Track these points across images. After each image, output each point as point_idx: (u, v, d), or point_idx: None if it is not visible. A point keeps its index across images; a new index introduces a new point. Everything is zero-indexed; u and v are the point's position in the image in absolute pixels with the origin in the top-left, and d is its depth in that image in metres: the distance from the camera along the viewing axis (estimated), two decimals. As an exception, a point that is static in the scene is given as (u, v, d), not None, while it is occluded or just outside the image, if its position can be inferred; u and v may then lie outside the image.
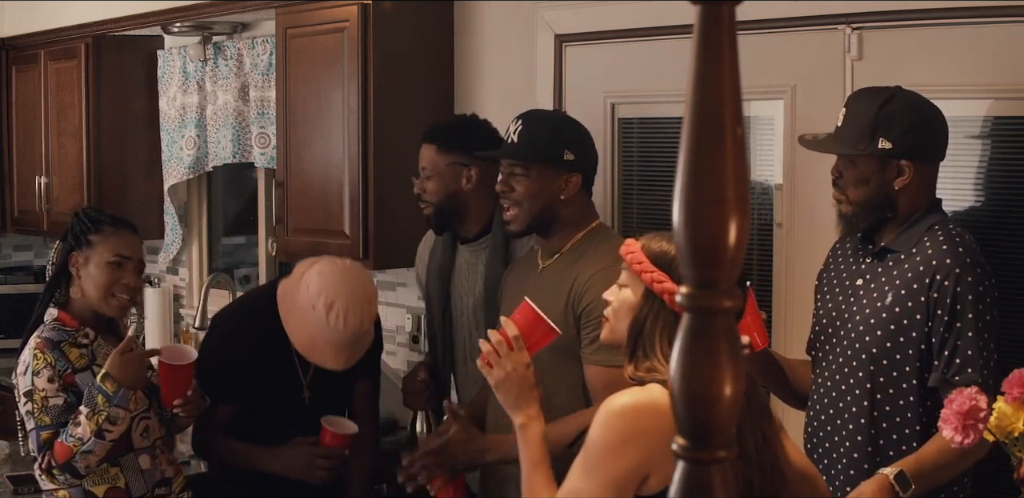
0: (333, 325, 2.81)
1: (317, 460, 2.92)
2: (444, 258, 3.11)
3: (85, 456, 2.62)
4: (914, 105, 2.41)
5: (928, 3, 2.69)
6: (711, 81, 0.91)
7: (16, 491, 3.28)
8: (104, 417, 2.60)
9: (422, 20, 3.81)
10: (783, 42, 2.97)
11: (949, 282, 2.31)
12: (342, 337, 2.83)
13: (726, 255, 0.92)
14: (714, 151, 0.91)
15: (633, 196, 3.41)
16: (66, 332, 2.74)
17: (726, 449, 0.95)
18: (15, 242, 6.04)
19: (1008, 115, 2.66)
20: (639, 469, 1.86)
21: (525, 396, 2.06)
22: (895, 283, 2.39)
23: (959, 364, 2.30)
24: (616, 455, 1.85)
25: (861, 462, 2.41)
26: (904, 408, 2.37)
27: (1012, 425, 1.92)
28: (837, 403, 2.47)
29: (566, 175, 2.69)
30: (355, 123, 3.70)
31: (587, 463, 1.88)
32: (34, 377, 2.66)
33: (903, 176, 2.39)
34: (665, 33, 3.19)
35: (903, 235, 2.42)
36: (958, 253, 2.34)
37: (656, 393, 1.86)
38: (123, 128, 5.08)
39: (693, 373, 0.94)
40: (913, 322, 2.35)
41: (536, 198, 2.69)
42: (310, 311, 2.83)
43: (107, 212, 2.92)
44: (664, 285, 1.93)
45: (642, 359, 1.95)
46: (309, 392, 3.03)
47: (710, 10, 0.91)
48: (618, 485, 1.86)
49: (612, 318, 2.05)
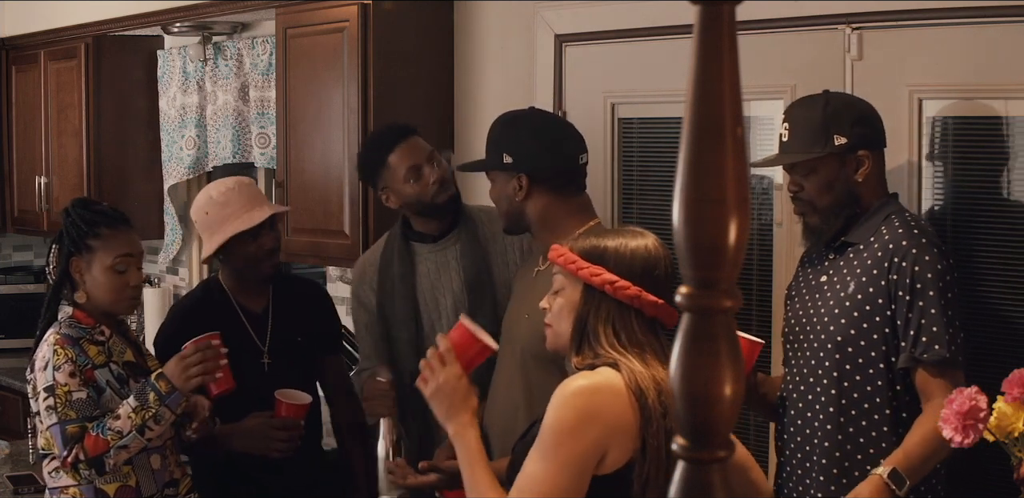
0: (220, 199, 3.03)
1: (274, 432, 2.96)
2: (404, 266, 3.06)
3: (119, 451, 2.63)
4: (851, 101, 2.54)
5: (928, 3, 2.69)
6: (711, 81, 0.91)
7: (16, 491, 3.28)
8: (152, 414, 2.63)
9: (422, 20, 3.81)
10: (783, 42, 2.97)
11: (907, 263, 2.37)
12: (235, 198, 3.04)
13: (726, 255, 0.92)
14: (714, 151, 0.91)
15: (633, 196, 3.41)
16: (83, 329, 2.75)
17: (726, 449, 0.95)
18: (15, 242, 6.04)
19: (1008, 115, 2.66)
20: (597, 448, 1.90)
21: (457, 407, 2.10)
22: (856, 272, 2.46)
23: (926, 342, 2.34)
24: (574, 435, 1.90)
25: (832, 450, 2.45)
26: (872, 394, 2.41)
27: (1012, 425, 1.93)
28: (806, 395, 2.51)
29: (514, 177, 2.69)
30: (355, 123, 3.70)
31: (544, 446, 1.92)
32: (55, 372, 2.65)
33: (863, 166, 2.47)
34: (665, 33, 3.19)
35: (861, 227, 2.49)
36: (913, 235, 2.40)
37: (608, 374, 1.93)
38: (123, 128, 5.08)
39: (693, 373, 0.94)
40: (875, 307, 2.40)
41: (498, 203, 2.76)
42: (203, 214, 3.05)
43: (98, 207, 2.87)
44: (603, 276, 2.00)
45: (587, 351, 2.00)
46: (268, 358, 3.10)
47: (710, 10, 0.91)
48: (577, 465, 1.90)
49: (554, 323, 2.09)
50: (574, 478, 1.90)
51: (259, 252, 3.07)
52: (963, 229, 2.71)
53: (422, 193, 3.01)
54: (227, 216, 3.03)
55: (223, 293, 3.16)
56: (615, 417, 1.90)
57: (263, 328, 3.15)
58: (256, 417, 2.98)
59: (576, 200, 2.73)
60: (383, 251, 3.13)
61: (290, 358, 3.15)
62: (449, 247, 3.05)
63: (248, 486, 3.07)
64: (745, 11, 0.95)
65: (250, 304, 3.17)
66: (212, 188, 3.10)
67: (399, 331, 3.05)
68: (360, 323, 3.16)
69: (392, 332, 3.07)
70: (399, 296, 3.05)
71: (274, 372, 3.09)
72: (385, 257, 3.11)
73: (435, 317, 3.04)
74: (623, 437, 1.91)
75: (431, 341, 3.03)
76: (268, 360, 3.11)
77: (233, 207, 3.03)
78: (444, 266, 3.05)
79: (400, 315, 3.05)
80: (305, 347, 3.19)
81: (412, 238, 3.09)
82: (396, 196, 3.05)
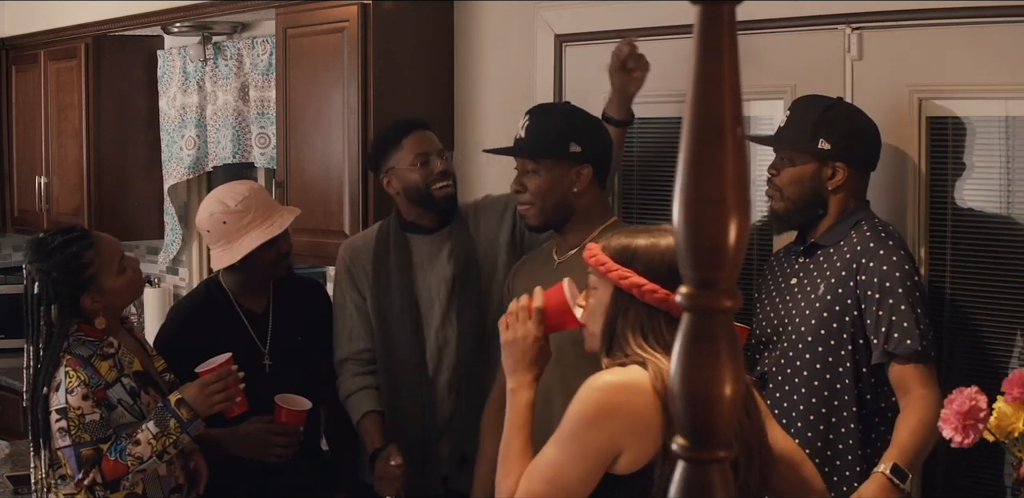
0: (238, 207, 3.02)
1: (273, 438, 2.97)
2: (401, 256, 3.08)
3: (136, 475, 2.67)
4: (854, 115, 2.59)
5: (928, 3, 2.69)
6: (711, 81, 0.91)
7: (16, 491, 3.28)
8: (172, 441, 2.67)
9: (422, 20, 3.81)
10: (783, 42, 2.97)
11: (874, 263, 2.45)
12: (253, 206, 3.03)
13: (726, 255, 0.92)
14: (714, 151, 0.91)
15: (633, 196, 3.41)
16: (92, 344, 2.73)
17: (726, 449, 0.95)
18: (15, 242, 6.04)
19: (1008, 115, 2.65)
20: (612, 444, 1.90)
21: (524, 364, 2.09)
22: (825, 274, 2.53)
23: (897, 337, 2.40)
24: (591, 428, 1.89)
25: (803, 448, 2.44)
26: (840, 391, 2.47)
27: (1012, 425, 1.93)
28: (775, 393, 2.56)
29: (576, 167, 2.68)
30: (355, 123, 3.70)
31: (563, 435, 1.92)
32: (67, 395, 2.65)
33: (836, 178, 2.54)
34: (665, 33, 3.19)
35: (831, 231, 2.56)
36: (880, 238, 2.48)
37: (636, 372, 1.92)
38: (123, 128, 5.08)
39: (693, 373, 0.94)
40: (845, 307, 2.47)
41: (549, 194, 2.69)
42: (220, 224, 3.03)
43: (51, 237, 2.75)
44: (631, 280, 1.97)
45: (617, 352, 2.00)
46: (269, 359, 3.11)
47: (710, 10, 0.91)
48: (589, 457, 1.90)
49: (588, 324, 2.07)
50: (584, 470, 1.90)
51: (277, 257, 3.08)
52: (963, 229, 2.71)
53: (426, 180, 3.04)
54: (247, 224, 3.02)
55: (224, 294, 3.16)
56: (636, 415, 1.89)
57: (264, 329, 3.15)
58: (255, 422, 2.98)
59: (605, 195, 2.79)
60: (377, 238, 3.14)
61: (290, 360, 3.15)
62: (443, 240, 3.07)
63: (247, 486, 3.07)
64: (745, 11, 0.94)
65: (251, 304, 3.17)
66: (225, 196, 3.07)
67: (398, 321, 3.07)
68: (350, 303, 3.15)
69: (388, 321, 3.08)
70: (397, 286, 3.07)
71: (274, 374, 3.09)
72: (380, 246, 3.12)
73: (427, 306, 3.06)
74: (643, 436, 1.90)
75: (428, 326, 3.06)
76: (269, 362, 3.11)
77: (252, 215, 3.03)
78: (436, 257, 3.07)
79: (399, 306, 3.07)
80: (305, 348, 3.19)
81: (407, 229, 3.11)
82: (399, 180, 3.07)
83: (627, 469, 1.91)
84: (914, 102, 2.74)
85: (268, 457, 2.98)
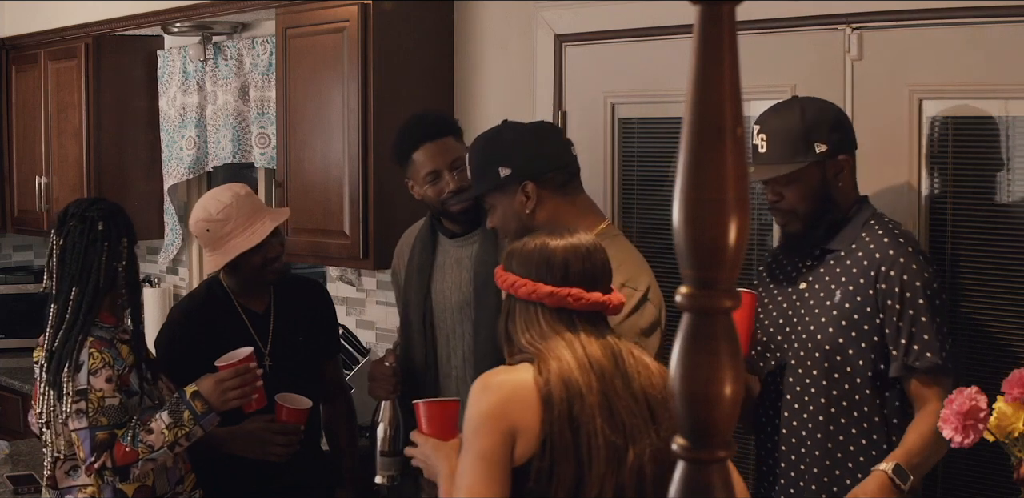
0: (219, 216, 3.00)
1: (274, 437, 2.97)
2: (425, 255, 3.07)
3: (146, 463, 2.67)
4: (823, 105, 2.52)
5: (928, 3, 2.69)
6: (711, 81, 0.91)
7: (16, 491, 3.28)
8: (185, 432, 2.68)
9: (422, 20, 3.81)
10: (783, 42, 2.97)
11: (895, 272, 2.39)
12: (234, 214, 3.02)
13: (726, 255, 0.92)
14: (714, 151, 0.91)
15: (633, 196, 3.41)
16: (110, 330, 2.76)
17: (726, 449, 0.95)
18: (15, 242, 6.04)
19: (1008, 115, 2.65)
20: (505, 440, 1.98)
21: (437, 468, 2.19)
22: (841, 280, 2.46)
23: (918, 350, 2.36)
24: (482, 428, 1.98)
25: (822, 459, 2.45)
26: (860, 402, 2.43)
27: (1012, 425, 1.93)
28: (792, 404, 2.51)
29: (515, 188, 2.61)
30: (355, 123, 3.70)
31: (464, 444, 2.02)
32: (90, 376, 2.65)
33: (843, 171, 2.49)
34: (665, 33, 3.19)
35: (840, 233, 2.50)
36: (899, 244, 2.42)
37: (520, 370, 2.03)
38: (123, 128, 5.08)
39: (693, 373, 0.94)
40: (864, 316, 2.41)
41: (507, 225, 2.65)
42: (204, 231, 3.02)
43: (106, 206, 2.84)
44: (507, 279, 2.10)
45: (515, 352, 2.10)
46: (270, 360, 3.10)
47: (710, 10, 0.91)
48: (487, 457, 1.97)
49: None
50: (489, 469, 1.97)
51: (264, 261, 3.07)
52: (963, 229, 2.71)
53: (438, 196, 2.96)
54: (228, 233, 3.01)
55: (225, 293, 3.16)
56: (518, 411, 1.98)
57: (265, 328, 3.16)
58: (256, 421, 2.98)
59: (580, 200, 2.67)
60: (418, 234, 3.13)
61: (291, 359, 3.15)
62: (467, 245, 3.04)
63: (248, 485, 3.07)
64: (745, 11, 0.95)
65: (252, 304, 3.17)
66: (209, 203, 3.06)
67: (412, 316, 3.09)
68: (397, 293, 3.23)
69: (408, 318, 3.12)
70: (414, 286, 3.08)
71: (275, 373, 3.09)
72: (416, 242, 3.13)
73: (440, 309, 3.06)
74: (524, 432, 1.98)
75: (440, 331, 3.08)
76: (269, 362, 3.11)
77: (233, 223, 3.02)
78: (459, 263, 3.04)
79: (414, 304, 3.09)
80: (306, 347, 3.19)
81: (439, 229, 3.07)
82: (417, 192, 3.05)
83: (519, 460, 2.00)
84: (914, 102, 2.74)
85: (268, 456, 2.98)
